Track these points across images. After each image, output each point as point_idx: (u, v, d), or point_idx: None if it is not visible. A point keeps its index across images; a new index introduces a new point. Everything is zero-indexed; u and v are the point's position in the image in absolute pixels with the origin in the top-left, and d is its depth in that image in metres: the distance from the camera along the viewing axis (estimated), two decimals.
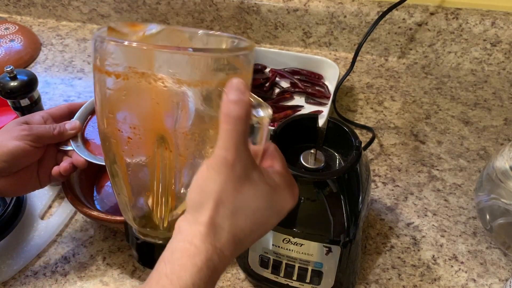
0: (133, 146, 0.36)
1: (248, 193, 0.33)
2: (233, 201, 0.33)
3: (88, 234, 0.64)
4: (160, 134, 0.35)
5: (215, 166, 0.32)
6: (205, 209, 0.32)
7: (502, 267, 0.58)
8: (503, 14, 0.81)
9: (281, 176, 0.36)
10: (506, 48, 0.83)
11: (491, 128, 0.76)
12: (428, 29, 0.85)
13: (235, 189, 0.33)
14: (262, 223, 0.35)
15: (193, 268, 0.31)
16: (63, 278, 0.59)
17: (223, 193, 0.33)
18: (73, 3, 1.01)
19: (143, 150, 0.36)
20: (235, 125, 0.32)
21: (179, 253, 0.32)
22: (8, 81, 0.61)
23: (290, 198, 0.36)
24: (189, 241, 0.32)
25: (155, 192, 0.37)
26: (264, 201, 0.34)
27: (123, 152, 0.36)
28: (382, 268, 0.59)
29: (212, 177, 0.33)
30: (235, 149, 0.32)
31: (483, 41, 0.83)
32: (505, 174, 0.55)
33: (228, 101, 0.32)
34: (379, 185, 0.68)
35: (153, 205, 0.38)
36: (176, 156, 0.35)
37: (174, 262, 0.32)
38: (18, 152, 0.51)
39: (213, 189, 0.32)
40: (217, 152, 0.32)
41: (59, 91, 0.87)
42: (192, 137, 0.35)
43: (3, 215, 0.60)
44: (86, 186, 0.64)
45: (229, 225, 0.33)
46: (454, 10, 0.82)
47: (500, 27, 0.81)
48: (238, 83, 0.33)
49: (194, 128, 0.35)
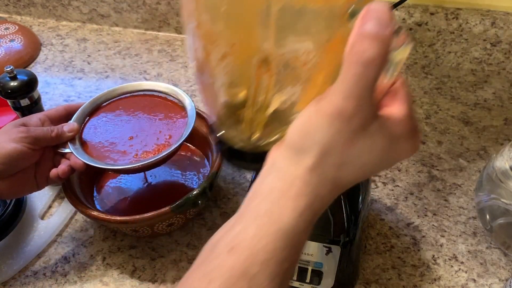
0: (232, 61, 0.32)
1: (362, 146, 0.29)
2: (342, 155, 0.29)
3: (88, 234, 0.64)
4: (264, 56, 0.30)
5: (328, 115, 0.28)
6: (309, 155, 0.29)
7: (502, 267, 0.58)
8: (503, 14, 0.81)
9: (404, 124, 0.30)
10: (506, 48, 0.83)
11: (491, 128, 0.76)
12: (428, 29, 0.84)
13: (347, 143, 0.28)
14: (367, 174, 0.31)
15: (294, 211, 0.29)
16: (63, 278, 0.59)
17: (332, 146, 0.28)
18: (73, 3, 1.01)
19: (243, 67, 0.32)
20: (365, 69, 0.26)
21: (278, 192, 0.30)
22: (8, 81, 0.61)
23: (408, 149, 0.31)
24: (289, 182, 0.30)
25: (249, 106, 0.34)
26: (377, 155, 0.30)
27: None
28: (382, 268, 0.59)
29: (321, 126, 0.28)
30: (358, 100, 0.27)
31: (483, 41, 0.83)
32: (505, 174, 0.55)
33: (363, 34, 0.25)
34: (379, 185, 0.68)
35: (245, 117, 0.35)
36: (277, 79, 0.31)
37: (273, 201, 0.30)
38: (16, 155, 0.51)
39: (320, 139, 0.28)
40: (333, 99, 0.27)
41: (59, 91, 0.87)
42: (299, 63, 0.30)
43: (3, 215, 0.60)
44: (86, 186, 0.64)
45: (333, 176, 0.30)
46: (454, 10, 0.82)
47: (500, 27, 0.81)
48: (380, 9, 0.25)
49: (301, 54, 0.29)
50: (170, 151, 0.55)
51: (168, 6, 0.95)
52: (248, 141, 0.36)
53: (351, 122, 0.27)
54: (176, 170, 0.68)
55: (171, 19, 0.98)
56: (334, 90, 0.27)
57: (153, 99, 0.63)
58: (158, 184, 0.66)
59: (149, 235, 0.61)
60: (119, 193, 0.66)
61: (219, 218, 0.65)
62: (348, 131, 0.28)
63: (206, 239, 0.67)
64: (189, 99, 0.60)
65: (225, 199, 0.67)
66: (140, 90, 0.64)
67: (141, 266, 0.60)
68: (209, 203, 0.67)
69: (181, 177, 0.67)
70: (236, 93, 0.35)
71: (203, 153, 0.70)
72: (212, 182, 0.58)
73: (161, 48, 0.97)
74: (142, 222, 0.55)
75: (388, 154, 0.30)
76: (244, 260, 0.29)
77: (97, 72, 0.91)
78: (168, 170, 0.67)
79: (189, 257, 0.60)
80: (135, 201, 0.65)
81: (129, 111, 0.62)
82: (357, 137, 0.28)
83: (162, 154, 0.55)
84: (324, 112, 0.28)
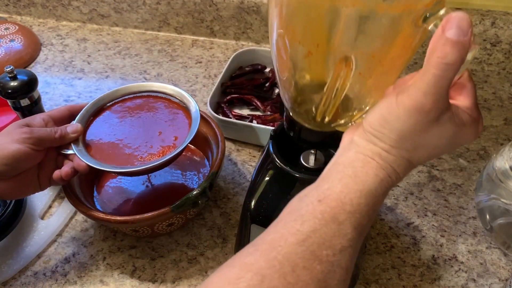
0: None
1: (434, 132, 0.33)
2: (417, 140, 0.34)
3: (88, 234, 0.64)
4: (345, 54, 0.36)
5: (408, 107, 0.32)
6: (387, 139, 0.34)
7: (502, 267, 0.58)
8: (503, 14, 0.81)
9: (470, 112, 0.35)
10: (506, 48, 0.83)
11: (491, 128, 0.76)
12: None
13: (422, 131, 0.33)
14: (437, 155, 0.36)
15: (376, 177, 0.34)
16: (63, 278, 0.59)
17: (409, 133, 0.33)
18: (73, 3, 1.01)
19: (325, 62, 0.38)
20: (445, 71, 0.30)
21: (360, 162, 0.34)
22: (8, 81, 0.61)
23: (472, 134, 0.36)
24: (370, 156, 0.34)
25: (326, 95, 0.40)
26: (447, 139, 0.34)
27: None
28: (382, 268, 0.59)
29: (400, 117, 0.33)
30: (436, 96, 0.31)
31: (483, 41, 0.83)
32: (505, 174, 0.56)
33: (445, 40, 0.29)
34: None
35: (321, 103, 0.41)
36: (356, 74, 0.37)
37: (356, 168, 0.34)
38: (19, 155, 0.51)
39: (399, 128, 0.33)
40: (414, 93, 0.32)
41: (59, 91, 0.87)
42: (374, 59, 0.36)
43: (3, 215, 0.60)
44: (86, 186, 0.64)
45: (409, 156, 0.35)
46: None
47: (500, 27, 0.81)
48: (462, 19, 0.29)
49: (378, 51, 0.36)
50: (175, 153, 0.55)
51: (168, 6, 0.96)
52: (319, 123, 0.43)
53: (428, 115, 0.32)
54: (176, 170, 0.68)
55: (171, 19, 0.98)
56: (415, 86, 0.32)
57: (157, 101, 0.63)
58: (158, 184, 0.66)
59: (149, 235, 0.61)
60: (119, 193, 0.66)
61: (219, 218, 0.65)
62: (424, 122, 0.33)
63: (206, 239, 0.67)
64: (194, 102, 0.60)
65: (225, 199, 0.67)
66: (144, 91, 0.64)
67: (141, 266, 0.60)
68: (209, 203, 0.67)
69: (181, 177, 0.67)
70: (313, 82, 0.41)
71: (203, 153, 0.70)
72: (212, 182, 0.58)
73: (161, 48, 0.97)
74: (142, 222, 0.55)
75: (455, 139, 0.35)
76: (333, 208, 0.33)
77: (97, 72, 0.91)
78: (168, 170, 0.67)
79: (189, 257, 0.60)
80: (135, 201, 0.65)
81: (133, 112, 0.62)
82: (431, 126, 0.33)
83: (167, 157, 0.55)
84: (405, 104, 0.32)
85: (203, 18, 0.96)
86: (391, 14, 0.33)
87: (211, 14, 0.94)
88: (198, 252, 0.61)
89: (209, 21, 0.96)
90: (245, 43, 0.97)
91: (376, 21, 0.33)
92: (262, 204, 0.51)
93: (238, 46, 0.97)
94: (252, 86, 0.82)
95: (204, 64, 0.92)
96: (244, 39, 0.97)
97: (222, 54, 0.95)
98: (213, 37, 0.98)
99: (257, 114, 0.78)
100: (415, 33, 0.34)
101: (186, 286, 0.58)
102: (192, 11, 0.95)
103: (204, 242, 0.62)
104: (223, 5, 0.92)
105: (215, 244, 0.62)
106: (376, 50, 0.36)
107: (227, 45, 0.97)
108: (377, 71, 0.38)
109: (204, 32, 0.98)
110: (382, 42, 0.35)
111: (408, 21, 0.33)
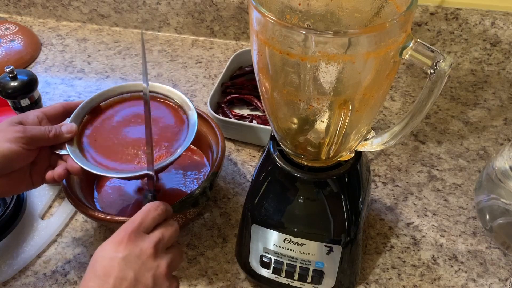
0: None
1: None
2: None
3: (88, 234, 0.64)
4: (344, 99, 0.41)
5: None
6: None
7: (502, 267, 0.59)
8: (503, 14, 0.81)
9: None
10: (506, 48, 0.83)
11: (491, 128, 0.76)
12: (428, 29, 0.85)
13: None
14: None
15: None
16: (63, 278, 0.59)
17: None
18: (73, 3, 1.01)
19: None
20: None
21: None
22: (8, 81, 0.61)
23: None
24: None
25: (330, 135, 0.45)
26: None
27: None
28: (382, 268, 0.59)
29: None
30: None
31: (483, 41, 0.83)
32: (505, 174, 0.56)
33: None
34: (379, 185, 0.68)
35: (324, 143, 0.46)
36: (353, 112, 0.42)
37: None
38: (11, 155, 0.49)
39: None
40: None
41: (59, 91, 0.87)
42: (366, 96, 0.42)
43: (3, 215, 0.60)
44: (86, 186, 0.64)
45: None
46: (454, 10, 0.82)
47: (500, 27, 0.81)
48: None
49: (368, 90, 0.41)
50: (174, 158, 0.53)
51: (168, 6, 0.96)
52: (321, 159, 0.48)
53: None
54: (176, 170, 0.68)
55: (171, 19, 0.98)
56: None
57: (155, 101, 0.61)
58: (158, 184, 0.66)
59: None
60: (120, 193, 0.65)
61: (219, 218, 0.65)
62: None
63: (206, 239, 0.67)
64: (191, 104, 0.59)
65: (225, 199, 0.67)
66: (141, 91, 0.62)
67: None
68: (209, 203, 0.67)
69: (182, 177, 0.67)
70: (307, 125, 0.46)
71: (203, 153, 0.70)
72: (212, 182, 0.58)
73: (161, 48, 0.97)
74: None
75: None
76: None
77: (97, 72, 0.91)
78: (168, 170, 0.67)
79: (189, 257, 0.61)
80: (135, 201, 0.65)
81: (130, 114, 0.60)
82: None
83: (166, 161, 0.53)
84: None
85: (203, 18, 0.96)
86: (377, 57, 0.38)
87: (211, 14, 0.95)
88: (198, 252, 0.61)
89: (209, 21, 0.96)
90: (245, 43, 0.97)
91: (367, 66, 0.39)
92: (263, 204, 0.52)
93: (238, 46, 0.97)
94: (252, 86, 0.82)
95: (204, 64, 0.92)
96: (244, 39, 0.97)
97: (222, 54, 0.95)
98: (213, 37, 0.99)
99: (257, 114, 0.78)
100: (394, 65, 0.41)
101: (186, 286, 0.58)
102: (192, 11, 0.95)
103: (204, 242, 0.62)
104: (223, 5, 0.92)
105: (215, 244, 0.62)
106: (368, 89, 0.41)
107: (227, 45, 0.97)
108: (369, 104, 0.43)
109: (204, 32, 0.98)
110: (373, 81, 0.40)
111: (389, 59, 0.39)
